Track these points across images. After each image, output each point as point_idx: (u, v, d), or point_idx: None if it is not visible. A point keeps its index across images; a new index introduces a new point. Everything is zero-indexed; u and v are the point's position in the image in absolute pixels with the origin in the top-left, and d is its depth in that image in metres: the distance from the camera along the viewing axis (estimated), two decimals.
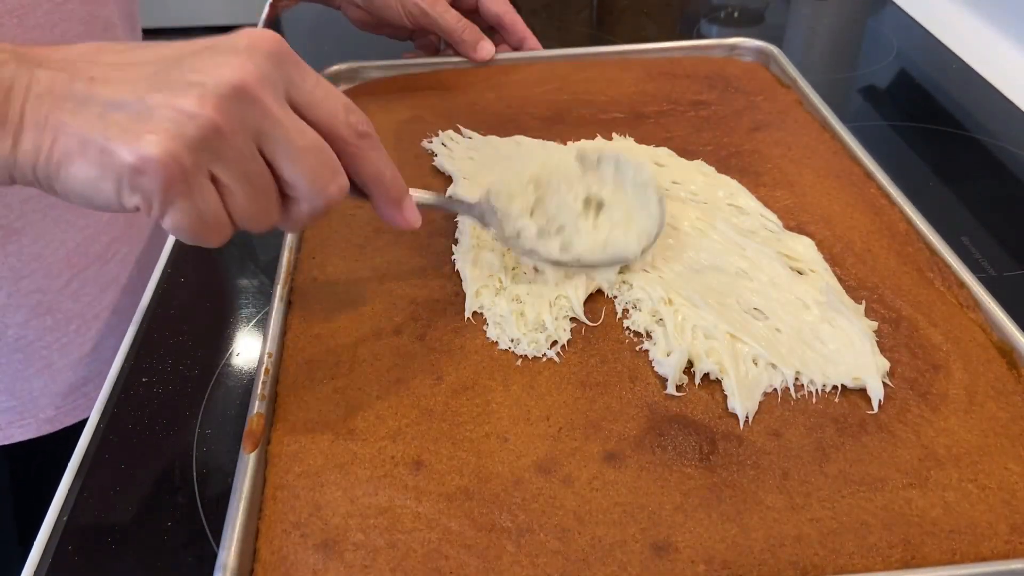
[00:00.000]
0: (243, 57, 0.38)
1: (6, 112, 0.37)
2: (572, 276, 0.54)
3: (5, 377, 0.67)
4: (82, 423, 0.56)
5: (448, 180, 0.66)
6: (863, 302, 0.53)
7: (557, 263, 0.54)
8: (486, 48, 0.81)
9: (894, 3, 1.15)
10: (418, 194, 0.49)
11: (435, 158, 0.69)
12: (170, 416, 0.56)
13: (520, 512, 0.43)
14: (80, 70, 0.38)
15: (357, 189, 0.45)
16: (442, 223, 0.62)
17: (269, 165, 0.40)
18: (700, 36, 1.10)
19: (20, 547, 0.48)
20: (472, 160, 0.67)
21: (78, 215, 0.68)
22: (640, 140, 0.70)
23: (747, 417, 0.47)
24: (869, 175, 0.66)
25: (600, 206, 0.56)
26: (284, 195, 0.41)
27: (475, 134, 0.71)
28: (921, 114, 0.91)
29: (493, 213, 0.54)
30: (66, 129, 0.37)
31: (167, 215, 0.38)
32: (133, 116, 0.36)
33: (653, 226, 0.55)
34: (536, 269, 0.55)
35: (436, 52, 0.86)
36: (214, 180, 0.38)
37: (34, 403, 0.69)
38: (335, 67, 0.82)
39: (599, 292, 0.55)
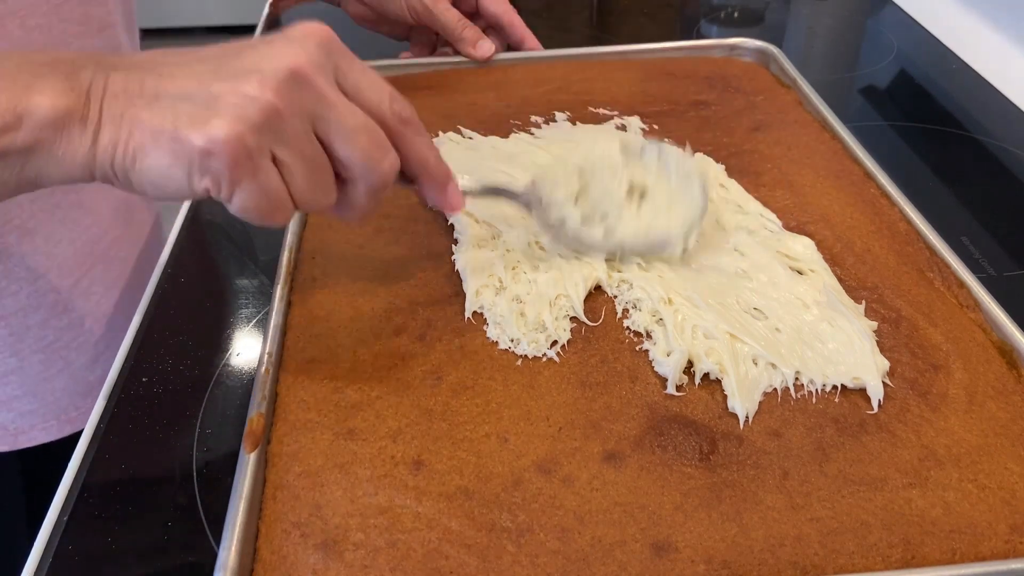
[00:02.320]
0: (296, 45, 0.41)
1: (87, 112, 0.39)
2: (585, 260, 0.55)
3: (28, 380, 0.67)
4: None
5: None
6: (863, 302, 0.53)
7: (600, 249, 0.55)
8: (486, 46, 0.81)
9: (894, 3, 1.15)
10: (463, 180, 0.50)
11: None
12: (170, 416, 0.56)
13: (520, 512, 0.43)
14: (150, 71, 0.40)
15: (403, 176, 0.47)
16: (442, 223, 0.62)
17: (324, 147, 0.42)
18: (700, 36, 1.10)
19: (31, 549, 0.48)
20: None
21: (82, 214, 0.68)
22: None
23: (747, 417, 0.47)
24: (869, 175, 0.66)
25: (644, 194, 0.57)
26: (341, 179, 0.43)
27: (475, 134, 0.71)
28: (921, 114, 0.91)
29: (538, 201, 0.55)
30: (140, 123, 0.39)
31: (235, 195, 0.40)
32: (200, 105, 0.39)
33: (695, 212, 0.56)
34: (577, 257, 0.56)
35: (433, 52, 0.86)
36: (275, 161, 0.40)
37: (56, 404, 0.69)
38: None
39: (599, 292, 0.55)
